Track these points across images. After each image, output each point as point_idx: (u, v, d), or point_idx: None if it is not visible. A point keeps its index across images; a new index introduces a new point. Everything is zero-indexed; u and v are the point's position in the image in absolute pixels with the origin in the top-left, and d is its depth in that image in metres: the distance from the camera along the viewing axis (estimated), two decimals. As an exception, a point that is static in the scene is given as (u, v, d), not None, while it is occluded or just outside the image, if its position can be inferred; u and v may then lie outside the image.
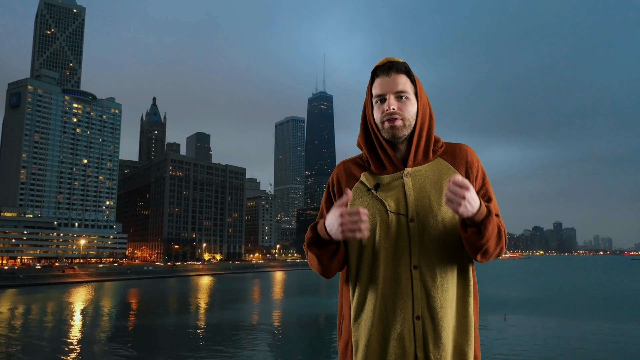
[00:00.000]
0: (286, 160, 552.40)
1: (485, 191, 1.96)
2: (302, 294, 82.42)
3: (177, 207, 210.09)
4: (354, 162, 2.08)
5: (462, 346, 1.84)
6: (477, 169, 1.97)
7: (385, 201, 1.89)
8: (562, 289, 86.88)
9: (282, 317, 53.74)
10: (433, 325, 1.80)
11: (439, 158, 1.98)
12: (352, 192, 1.98)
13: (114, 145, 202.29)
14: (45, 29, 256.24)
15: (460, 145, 2.03)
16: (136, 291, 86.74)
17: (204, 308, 62.81)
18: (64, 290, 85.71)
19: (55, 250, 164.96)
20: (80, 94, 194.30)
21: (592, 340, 36.62)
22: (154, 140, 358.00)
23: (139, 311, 59.75)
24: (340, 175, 2.07)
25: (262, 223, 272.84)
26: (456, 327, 1.85)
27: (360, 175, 2.02)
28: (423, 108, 1.95)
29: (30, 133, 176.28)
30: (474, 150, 2.03)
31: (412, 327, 1.80)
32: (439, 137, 2.03)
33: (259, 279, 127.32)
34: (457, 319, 1.86)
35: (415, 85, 1.95)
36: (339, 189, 2.05)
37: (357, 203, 1.96)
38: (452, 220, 1.87)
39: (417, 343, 1.79)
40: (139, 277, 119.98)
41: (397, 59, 1.95)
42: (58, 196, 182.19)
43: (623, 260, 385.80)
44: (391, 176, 1.94)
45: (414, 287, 1.82)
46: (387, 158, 1.96)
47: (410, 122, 1.92)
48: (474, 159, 1.99)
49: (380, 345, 1.84)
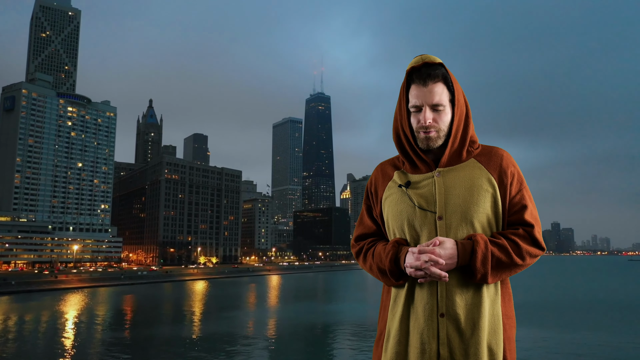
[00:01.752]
0: (284, 162, 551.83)
1: (521, 197, 1.96)
2: (298, 300, 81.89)
3: (173, 211, 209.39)
4: (390, 163, 2.14)
5: (490, 346, 1.84)
6: (512, 175, 1.97)
7: (413, 198, 1.94)
8: (555, 294, 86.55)
9: (279, 326, 53.27)
10: (457, 323, 1.82)
11: (472, 159, 2.00)
12: (385, 190, 2.06)
13: (109, 148, 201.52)
14: (41, 31, 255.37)
15: (497, 150, 2.03)
16: (130, 298, 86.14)
17: (198, 317, 62.28)
18: (58, 297, 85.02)
19: (50, 254, 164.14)
20: (75, 97, 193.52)
21: (586, 357, 36.15)
22: (150, 142, 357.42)
23: (133, 320, 59.27)
24: (377, 176, 2.13)
25: (259, 225, 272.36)
26: (485, 327, 1.84)
27: (393, 174, 2.08)
28: (460, 113, 1.95)
29: (25, 137, 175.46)
30: (510, 155, 2.03)
31: (435, 324, 1.83)
32: (476, 138, 2.04)
33: (255, 283, 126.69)
34: (486, 318, 1.86)
35: (453, 91, 1.95)
36: (375, 190, 2.11)
37: (389, 201, 2.02)
38: (480, 220, 1.90)
39: (440, 341, 1.82)
40: (133, 283, 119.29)
41: (432, 59, 1.93)
42: (52, 200, 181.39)
43: (620, 261, 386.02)
44: (423, 175, 1.99)
45: (438, 285, 1.85)
46: (419, 160, 2.00)
47: (445, 132, 1.94)
48: (509, 164, 1.99)
49: (406, 338, 1.90)
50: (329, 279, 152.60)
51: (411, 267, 1.81)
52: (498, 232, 1.93)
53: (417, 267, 1.79)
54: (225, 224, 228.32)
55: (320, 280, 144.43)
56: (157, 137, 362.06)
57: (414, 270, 1.81)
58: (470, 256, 1.80)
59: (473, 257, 1.80)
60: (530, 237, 1.90)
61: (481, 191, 1.91)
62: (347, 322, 54.90)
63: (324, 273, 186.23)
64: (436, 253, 1.77)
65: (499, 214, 1.94)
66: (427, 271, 1.77)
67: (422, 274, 1.80)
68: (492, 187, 1.93)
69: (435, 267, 1.77)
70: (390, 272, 1.92)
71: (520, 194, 1.97)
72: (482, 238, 1.83)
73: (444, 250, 1.78)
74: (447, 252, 1.78)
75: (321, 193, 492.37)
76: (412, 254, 1.83)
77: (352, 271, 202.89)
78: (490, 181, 1.94)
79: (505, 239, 1.88)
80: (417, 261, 1.79)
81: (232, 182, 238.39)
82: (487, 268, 1.81)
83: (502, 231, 1.94)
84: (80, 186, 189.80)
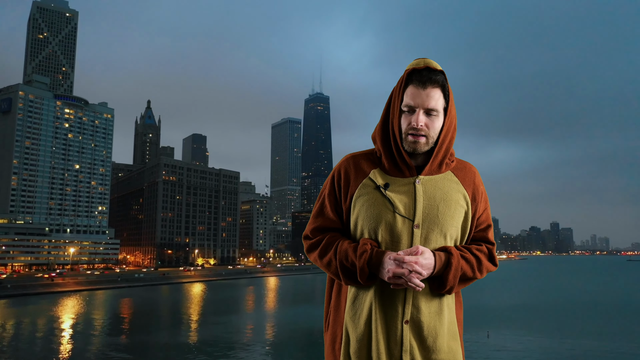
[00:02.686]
0: (283, 162, 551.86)
1: (486, 216, 2.04)
2: (296, 304, 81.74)
3: (171, 212, 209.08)
4: (365, 157, 2.06)
5: (449, 351, 1.88)
6: (482, 194, 2.03)
7: (393, 202, 1.90)
8: (552, 297, 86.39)
9: (277, 331, 53.15)
10: (420, 330, 1.84)
11: (450, 172, 2.00)
12: (359, 187, 1.98)
13: (106, 150, 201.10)
14: (38, 33, 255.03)
15: (470, 166, 2.06)
16: (128, 302, 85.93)
17: (195, 322, 62.18)
18: (54, 301, 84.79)
19: (47, 256, 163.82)
20: (72, 99, 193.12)
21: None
22: (149, 143, 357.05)
23: (130, 326, 59.16)
24: (349, 169, 2.04)
25: (257, 227, 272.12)
26: (445, 334, 1.88)
27: (369, 171, 2.00)
28: (449, 123, 1.94)
29: (21, 139, 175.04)
30: (478, 171, 2.08)
31: (400, 330, 1.83)
32: (453, 151, 2.03)
33: (253, 286, 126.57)
34: (445, 325, 1.89)
35: (448, 100, 1.94)
36: (345, 183, 2.02)
37: (363, 199, 1.95)
38: (451, 233, 1.92)
39: (403, 347, 1.82)
40: (130, 285, 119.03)
41: (434, 65, 1.92)
42: (50, 202, 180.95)
43: (619, 261, 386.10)
44: (403, 180, 1.95)
45: (406, 292, 1.85)
46: (403, 163, 1.96)
47: (434, 139, 1.92)
48: (480, 182, 2.04)
49: (369, 342, 1.87)
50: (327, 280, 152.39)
51: (392, 274, 1.79)
52: (462, 245, 1.97)
53: (400, 275, 1.77)
54: (223, 225, 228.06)
55: (318, 282, 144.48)
56: (155, 138, 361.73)
57: (394, 277, 1.78)
58: (445, 268, 1.83)
59: (447, 269, 1.83)
60: (490, 254, 1.99)
61: (457, 206, 1.93)
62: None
63: (322, 274, 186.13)
64: (419, 263, 1.77)
65: (467, 230, 1.98)
66: (407, 280, 1.77)
67: (401, 282, 1.78)
68: (465, 204, 1.96)
69: (418, 277, 1.77)
70: (361, 273, 1.86)
71: (485, 212, 2.04)
72: (455, 251, 1.87)
73: (424, 260, 1.79)
74: (427, 262, 1.79)
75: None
76: (392, 260, 1.80)
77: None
78: (465, 197, 1.97)
79: (471, 254, 1.93)
80: (399, 269, 1.77)
81: (230, 183, 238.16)
82: (456, 281, 1.85)
83: (467, 245, 1.98)
84: (77, 188, 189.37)
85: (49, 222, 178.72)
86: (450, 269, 1.82)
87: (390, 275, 1.79)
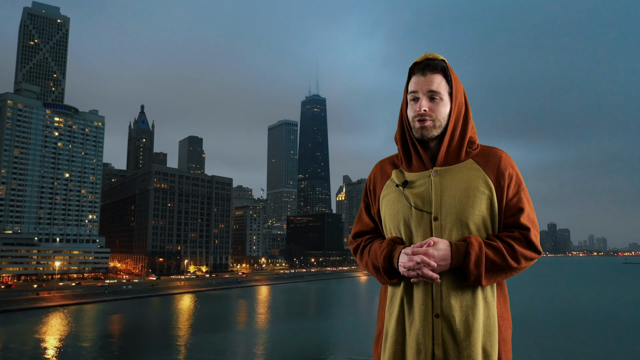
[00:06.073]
0: (279, 164, 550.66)
1: (518, 200, 1.95)
2: (289, 318, 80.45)
3: (162, 220, 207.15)
4: (389, 161, 2.15)
5: (485, 347, 1.85)
6: (510, 177, 1.96)
7: (410, 198, 1.94)
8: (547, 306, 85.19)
9: (268, 349, 51.94)
10: (451, 325, 1.83)
11: (470, 159, 1.99)
12: (383, 189, 2.08)
13: (96, 158, 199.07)
14: (29, 39, 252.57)
15: (496, 150, 2.02)
16: (117, 319, 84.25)
17: (185, 340, 60.91)
18: (40, 318, 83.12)
19: (36, 267, 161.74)
20: (62, 107, 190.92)
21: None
22: (142, 148, 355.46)
23: (119, 348, 57.91)
24: (376, 175, 2.15)
25: (250, 233, 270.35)
26: (480, 329, 1.85)
27: (391, 172, 2.08)
28: (458, 108, 1.95)
29: (10, 148, 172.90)
30: (510, 156, 2.01)
31: (430, 325, 1.84)
32: (475, 139, 2.03)
33: (243, 298, 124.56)
34: (481, 320, 1.86)
35: (452, 84, 1.95)
36: (374, 188, 2.14)
37: (386, 200, 2.04)
38: (475, 222, 1.90)
39: (435, 341, 1.83)
40: (118, 298, 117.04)
41: (436, 56, 1.96)
42: (39, 211, 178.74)
43: (615, 263, 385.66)
44: (419, 174, 1.99)
45: (433, 286, 1.86)
46: (417, 156, 2.00)
47: (442, 123, 1.93)
48: (507, 165, 1.97)
49: (403, 338, 1.92)
50: (321, 289, 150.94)
51: (404, 267, 1.83)
52: (493, 234, 1.93)
53: (409, 268, 1.81)
54: (215, 232, 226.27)
55: (311, 292, 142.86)
56: (148, 142, 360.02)
57: (407, 270, 1.83)
58: (464, 258, 1.81)
59: (466, 259, 1.80)
60: (526, 240, 1.89)
61: (477, 193, 1.90)
62: (340, 342, 53.64)
63: (316, 283, 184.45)
64: (429, 254, 1.79)
65: (495, 216, 1.94)
66: (419, 272, 1.79)
67: (414, 275, 1.81)
68: (488, 189, 1.92)
69: (428, 268, 1.78)
70: (384, 270, 1.94)
71: (517, 196, 1.95)
72: (477, 240, 1.83)
73: (437, 251, 1.79)
74: (441, 253, 1.79)
75: (317, 195, 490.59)
76: (405, 254, 1.85)
77: (343, 279, 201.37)
78: (486, 183, 1.93)
79: (501, 241, 1.88)
80: (409, 262, 1.81)
81: (223, 189, 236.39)
82: (481, 270, 1.81)
83: (498, 233, 1.94)
84: (67, 197, 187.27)
85: (38, 231, 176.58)
86: (470, 258, 1.80)
87: (403, 268, 1.84)
